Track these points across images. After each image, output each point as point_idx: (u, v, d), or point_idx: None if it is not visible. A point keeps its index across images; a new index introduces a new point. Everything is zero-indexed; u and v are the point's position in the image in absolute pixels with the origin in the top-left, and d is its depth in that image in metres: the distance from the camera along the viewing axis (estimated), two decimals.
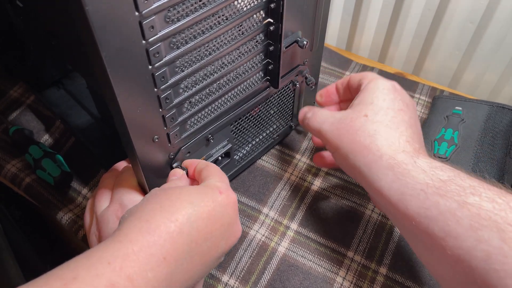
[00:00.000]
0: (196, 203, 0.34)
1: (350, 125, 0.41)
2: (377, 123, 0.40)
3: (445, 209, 0.32)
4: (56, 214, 0.54)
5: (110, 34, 0.29)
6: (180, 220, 0.32)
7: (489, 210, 0.31)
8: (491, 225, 0.30)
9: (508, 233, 0.29)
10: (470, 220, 0.31)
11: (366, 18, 0.77)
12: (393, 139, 0.39)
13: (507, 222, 0.30)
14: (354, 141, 0.40)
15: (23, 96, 0.67)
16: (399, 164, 0.37)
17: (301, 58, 0.50)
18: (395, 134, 0.39)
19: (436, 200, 0.33)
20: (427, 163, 0.36)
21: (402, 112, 0.41)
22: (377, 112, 0.41)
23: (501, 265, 0.29)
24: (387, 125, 0.40)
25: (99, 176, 0.58)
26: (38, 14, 0.42)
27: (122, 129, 0.36)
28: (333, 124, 0.43)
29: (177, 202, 0.34)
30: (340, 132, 0.42)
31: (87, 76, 0.44)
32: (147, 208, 0.34)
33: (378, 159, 0.38)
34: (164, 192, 0.35)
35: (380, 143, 0.39)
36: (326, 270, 0.48)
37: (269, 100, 0.51)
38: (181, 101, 0.39)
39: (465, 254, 0.31)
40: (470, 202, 0.32)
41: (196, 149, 0.45)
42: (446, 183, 0.34)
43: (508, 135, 0.56)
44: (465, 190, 0.33)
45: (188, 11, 0.34)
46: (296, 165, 0.58)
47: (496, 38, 0.67)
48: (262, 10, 0.41)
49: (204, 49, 0.38)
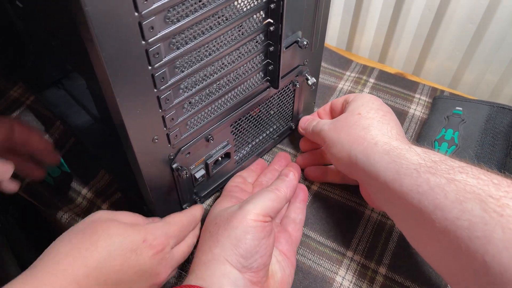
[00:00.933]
0: (113, 250, 0.36)
1: (346, 121, 0.46)
2: (370, 119, 0.45)
3: (434, 184, 0.35)
4: (56, 213, 0.54)
5: (110, 35, 0.29)
6: (89, 265, 0.34)
7: (474, 185, 0.34)
8: (475, 198, 0.33)
9: (489, 204, 0.32)
10: (456, 194, 0.34)
11: (367, 18, 0.77)
12: (386, 131, 0.43)
13: (489, 194, 0.32)
14: (350, 133, 0.44)
15: (23, 97, 0.67)
16: (394, 149, 0.40)
17: (301, 59, 0.50)
18: (387, 127, 0.44)
19: (427, 177, 0.36)
20: (420, 148, 0.40)
21: (390, 114, 0.47)
22: (369, 111, 0.46)
23: (482, 232, 0.31)
24: (379, 120, 0.44)
25: (99, 176, 0.58)
26: (38, 14, 0.42)
27: (121, 129, 0.36)
28: (331, 124, 0.48)
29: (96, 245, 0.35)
30: (337, 129, 0.46)
31: (87, 76, 0.44)
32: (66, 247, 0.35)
33: (374, 145, 0.42)
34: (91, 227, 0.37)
35: (374, 133, 0.43)
36: (325, 270, 0.48)
37: (269, 100, 0.51)
38: (181, 101, 0.39)
39: (451, 224, 0.33)
40: (458, 179, 0.35)
41: (196, 149, 0.45)
42: (437, 163, 0.37)
43: (508, 136, 0.56)
44: (454, 169, 0.36)
45: (188, 12, 0.34)
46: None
47: (496, 39, 0.67)
48: (262, 11, 0.40)
49: (204, 49, 0.38)
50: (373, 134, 0.43)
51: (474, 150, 0.54)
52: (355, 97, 0.49)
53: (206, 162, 0.48)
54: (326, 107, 0.54)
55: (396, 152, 0.40)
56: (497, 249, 0.30)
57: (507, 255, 0.30)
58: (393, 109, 0.64)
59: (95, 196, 0.56)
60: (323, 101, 0.66)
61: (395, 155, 0.39)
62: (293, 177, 0.47)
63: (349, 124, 0.45)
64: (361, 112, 0.46)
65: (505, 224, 0.31)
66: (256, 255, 0.39)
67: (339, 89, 0.68)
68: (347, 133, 0.45)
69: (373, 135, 0.43)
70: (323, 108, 0.55)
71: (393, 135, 0.43)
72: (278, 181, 0.46)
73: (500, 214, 0.31)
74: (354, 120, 0.45)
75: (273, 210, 0.42)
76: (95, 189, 0.57)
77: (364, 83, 0.69)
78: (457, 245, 0.33)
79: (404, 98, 0.66)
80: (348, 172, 0.46)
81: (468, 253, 0.32)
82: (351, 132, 0.44)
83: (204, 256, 0.39)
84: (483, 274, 0.31)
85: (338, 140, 0.45)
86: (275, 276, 0.42)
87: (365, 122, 0.44)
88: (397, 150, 0.40)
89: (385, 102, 0.65)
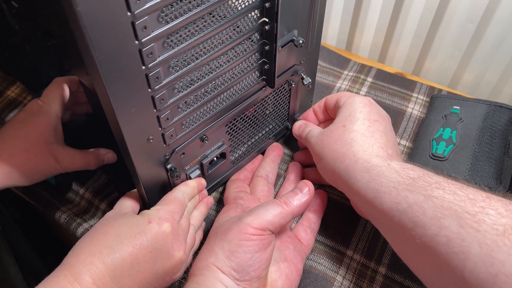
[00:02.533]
0: (121, 237, 0.39)
1: (331, 136, 0.46)
2: (354, 132, 0.44)
3: (413, 202, 0.36)
4: (54, 213, 0.55)
5: (102, 35, 0.29)
6: (104, 252, 0.38)
7: (451, 201, 0.34)
8: (451, 214, 0.33)
9: (465, 220, 0.33)
10: (434, 210, 0.34)
11: (366, 18, 0.77)
12: (368, 146, 0.43)
13: (465, 210, 0.33)
14: (333, 149, 0.45)
15: (20, 96, 0.67)
16: (374, 167, 0.41)
17: (298, 58, 0.50)
18: (370, 141, 0.43)
19: (406, 195, 0.37)
20: (399, 165, 0.40)
21: (378, 122, 0.45)
22: (354, 122, 0.45)
23: (460, 248, 0.32)
24: (363, 133, 0.44)
25: (96, 176, 0.58)
26: (33, 14, 0.42)
27: (116, 129, 0.36)
28: (318, 137, 0.48)
29: (106, 236, 0.39)
30: (323, 143, 0.46)
31: (82, 76, 0.44)
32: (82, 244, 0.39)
33: (354, 163, 0.42)
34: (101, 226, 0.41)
35: (355, 149, 0.43)
36: (326, 269, 0.48)
37: (264, 100, 0.51)
38: (175, 101, 0.39)
39: (430, 241, 0.34)
40: (435, 195, 0.35)
41: (191, 149, 0.45)
42: (415, 180, 0.38)
43: (506, 134, 0.56)
44: (431, 185, 0.36)
45: (181, 11, 0.34)
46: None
47: (496, 38, 0.67)
48: (257, 9, 0.40)
49: (199, 49, 0.38)
50: (354, 150, 0.43)
51: (472, 149, 0.54)
52: (345, 102, 0.48)
53: (201, 162, 0.48)
54: (321, 103, 0.54)
55: (376, 170, 0.40)
56: (474, 265, 0.31)
57: (485, 269, 0.30)
58: (391, 108, 0.64)
59: (93, 195, 0.56)
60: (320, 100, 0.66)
61: (374, 173, 0.40)
62: (307, 192, 0.44)
63: (334, 139, 0.45)
64: (346, 125, 0.45)
65: (482, 239, 0.31)
66: (249, 268, 0.39)
67: (337, 88, 0.68)
68: (331, 149, 0.45)
69: (355, 151, 0.43)
70: (318, 104, 0.54)
71: (375, 150, 0.43)
72: (291, 194, 0.44)
73: (476, 229, 0.32)
74: (338, 134, 0.45)
75: (274, 225, 0.41)
76: (93, 189, 0.57)
77: (362, 82, 0.68)
78: (438, 261, 0.34)
79: (402, 97, 0.66)
80: (335, 186, 0.47)
81: (448, 269, 0.33)
82: (335, 148, 0.44)
83: (200, 263, 0.40)
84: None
85: (323, 154, 0.46)
86: (275, 284, 0.41)
87: (348, 137, 0.44)
88: (377, 168, 0.40)
89: (383, 101, 0.65)
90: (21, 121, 0.48)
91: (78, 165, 0.50)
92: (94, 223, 0.53)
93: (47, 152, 0.48)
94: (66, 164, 0.49)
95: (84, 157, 0.50)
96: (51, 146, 0.48)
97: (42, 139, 0.47)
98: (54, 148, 0.48)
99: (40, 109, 0.49)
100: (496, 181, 0.51)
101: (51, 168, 0.48)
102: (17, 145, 0.47)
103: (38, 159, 0.47)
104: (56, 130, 0.49)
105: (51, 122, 0.48)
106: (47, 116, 0.48)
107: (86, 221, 0.54)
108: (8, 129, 0.48)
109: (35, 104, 0.49)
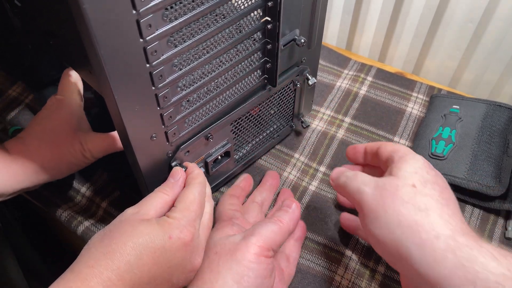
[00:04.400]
0: (141, 250, 0.35)
1: (396, 194, 0.36)
2: (427, 197, 0.36)
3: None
4: (55, 212, 0.55)
5: (108, 33, 0.29)
6: (122, 268, 0.34)
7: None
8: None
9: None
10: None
11: (366, 17, 0.77)
12: (447, 217, 0.34)
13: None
14: (401, 213, 0.35)
15: (21, 95, 0.67)
16: (461, 247, 0.32)
17: (299, 57, 0.50)
18: (448, 212, 0.35)
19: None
20: (492, 248, 0.32)
21: (448, 190, 0.38)
22: (425, 184, 0.37)
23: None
24: (437, 200, 0.36)
25: (98, 175, 0.58)
26: (36, 13, 0.42)
27: (120, 127, 0.36)
28: (377, 189, 0.38)
29: (124, 247, 0.34)
30: (383, 199, 0.37)
31: (85, 75, 0.44)
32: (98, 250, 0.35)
33: (434, 238, 0.33)
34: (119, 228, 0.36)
35: (433, 219, 0.34)
36: (324, 269, 0.48)
37: (269, 100, 0.51)
38: (179, 99, 0.39)
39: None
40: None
41: (195, 148, 0.45)
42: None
43: (505, 133, 0.56)
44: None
45: (185, 10, 0.34)
46: (294, 164, 0.58)
47: (496, 38, 0.67)
48: (259, 9, 0.41)
49: (202, 47, 0.38)
50: (432, 221, 0.34)
51: (471, 148, 0.55)
52: (405, 156, 0.40)
53: (206, 161, 0.48)
54: (374, 147, 0.44)
55: (465, 253, 0.32)
56: None
57: None
58: (390, 108, 0.65)
59: (94, 194, 0.56)
60: (321, 99, 0.66)
61: (464, 257, 0.32)
62: (296, 208, 0.42)
63: (400, 200, 0.36)
64: (416, 184, 0.36)
65: None
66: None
67: (337, 87, 0.68)
68: (397, 213, 0.35)
69: (433, 222, 0.34)
70: (370, 146, 0.45)
71: (457, 224, 0.34)
72: (281, 212, 0.42)
73: None
74: (407, 195, 0.36)
75: (275, 243, 0.40)
76: (94, 187, 0.57)
77: (362, 81, 0.69)
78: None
79: (401, 97, 0.66)
80: (391, 262, 0.38)
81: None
82: (403, 212, 0.35)
83: (205, 286, 0.38)
84: None
85: (384, 217, 0.36)
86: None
87: (421, 201, 0.35)
88: (466, 249, 0.32)
89: (383, 101, 0.66)
90: (45, 117, 0.49)
91: (105, 146, 0.50)
92: (94, 221, 0.54)
93: (74, 139, 0.48)
94: (92, 148, 0.49)
95: (108, 137, 0.50)
96: (77, 134, 0.49)
97: (68, 129, 0.49)
98: (81, 135, 0.49)
99: (61, 103, 0.50)
100: (495, 180, 0.51)
101: (79, 156, 0.49)
102: (44, 139, 0.48)
103: (66, 148, 0.48)
104: (80, 118, 0.50)
105: (74, 112, 0.50)
106: (70, 108, 0.50)
107: (87, 220, 0.54)
108: (34, 126, 0.49)
109: (54, 100, 0.50)
